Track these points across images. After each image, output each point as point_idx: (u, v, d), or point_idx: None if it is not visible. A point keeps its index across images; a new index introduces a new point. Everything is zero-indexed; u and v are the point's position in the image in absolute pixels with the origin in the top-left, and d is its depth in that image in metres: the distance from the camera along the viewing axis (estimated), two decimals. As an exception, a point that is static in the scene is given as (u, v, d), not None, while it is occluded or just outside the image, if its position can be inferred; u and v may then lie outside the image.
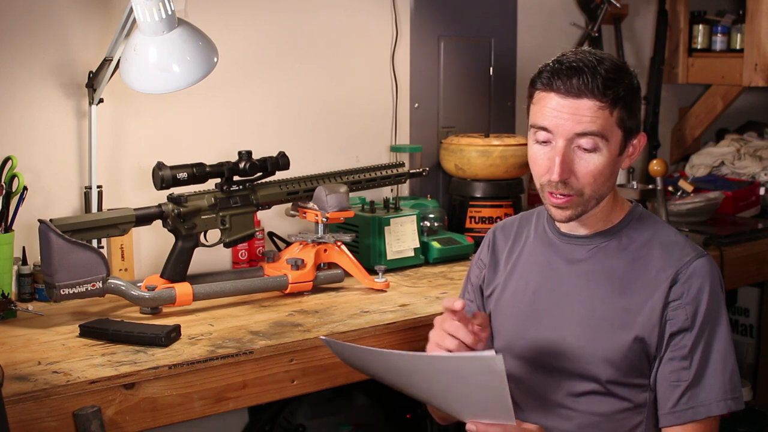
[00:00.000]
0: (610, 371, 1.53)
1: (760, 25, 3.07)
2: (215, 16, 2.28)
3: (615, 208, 1.61)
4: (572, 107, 1.48)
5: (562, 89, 1.48)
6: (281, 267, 2.08)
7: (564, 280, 1.60)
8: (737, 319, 3.31)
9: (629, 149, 1.57)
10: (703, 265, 1.53)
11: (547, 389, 1.59)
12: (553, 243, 1.64)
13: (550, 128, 1.50)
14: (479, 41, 2.84)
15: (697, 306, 1.51)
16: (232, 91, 2.35)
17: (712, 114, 3.39)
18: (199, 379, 1.62)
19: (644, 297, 1.53)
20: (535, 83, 1.54)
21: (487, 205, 2.57)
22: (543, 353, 1.59)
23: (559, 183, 1.50)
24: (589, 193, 1.52)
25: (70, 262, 1.81)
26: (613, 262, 1.57)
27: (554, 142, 1.50)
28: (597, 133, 1.48)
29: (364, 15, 2.60)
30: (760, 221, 2.90)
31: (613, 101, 1.49)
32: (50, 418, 1.47)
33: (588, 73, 1.48)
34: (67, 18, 2.09)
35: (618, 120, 1.51)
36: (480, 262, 1.76)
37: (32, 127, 2.08)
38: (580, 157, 1.50)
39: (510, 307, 1.66)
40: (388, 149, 2.68)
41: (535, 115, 1.54)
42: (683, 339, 1.51)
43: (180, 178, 1.95)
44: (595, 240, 1.60)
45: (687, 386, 1.50)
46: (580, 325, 1.56)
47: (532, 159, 1.56)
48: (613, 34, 3.25)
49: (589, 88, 1.47)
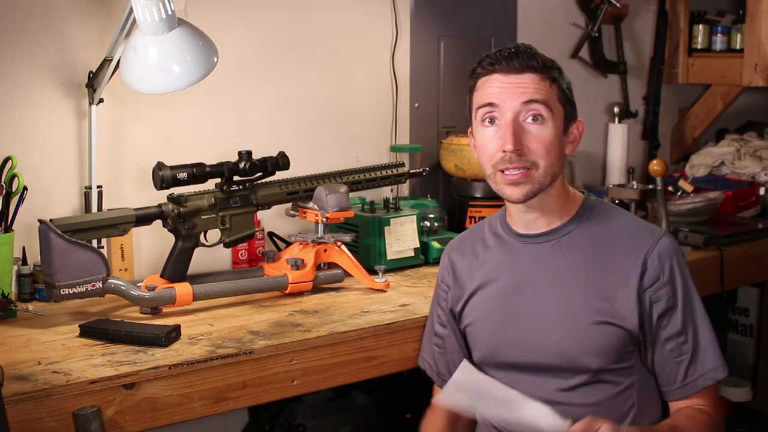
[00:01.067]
0: (598, 360, 1.56)
1: (760, 25, 3.07)
2: (215, 16, 2.28)
3: (567, 200, 1.64)
4: (516, 81, 1.55)
5: (504, 68, 1.56)
6: (281, 267, 2.08)
7: (533, 281, 1.62)
8: (737, 319, 3.31)
9: (571, 134, 1.62)
10: (666, 245, 1.58)
11: (537, 389, 1.59)
12: (514, 246, 1.66)
13: (496, 102, 1.55)
14: (479, 41, 2.84)
15: (674, 284, 1.57)
16: (232, 91, 2.35)
17: (712, 114, 3.39)
18: (199, 379, 1.62)
19: (616, 283, 1.56)
20: (475, 71, 1.61)
21: (487, 205, 2.57)
22: (527, 355, 1.60)
23: (513, 155, 1.53)
24: (544, 166, 1.55)
25: (70, 262, 1.81)
26: (577, 254, 1.60)
27: (501, 119, 1.55)
28: (541, 100, 1.54)
29: (364, 15, 2.60)
30: (760, 221, 2.90)
31: (551, 77, 1.57)
32: (50, 418, 1.47)
33: (527, 53, 1.56)
34: (67, 18, 2.09)
35: (558, 96, 1.57)
36: (443, 286, 1.77)
37: (32, 127, 2.08)
38: (528, 130, 1.55)
39: (484, 318, 1.67)
40: (388, 149, 2.68)
41: (479, 97, 1.59)
42: (673, 317, 1.56)
43: (180, 178, 1.95)
44: (555, 235, 1.62)
45: (690, 358, 1.56)
46: (560, 321, 1.58)
47: (480, 144, 1.61)
48: (613, 34, 3.26)
49: (530, 64, 1.55)
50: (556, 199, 1.62)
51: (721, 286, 2.51)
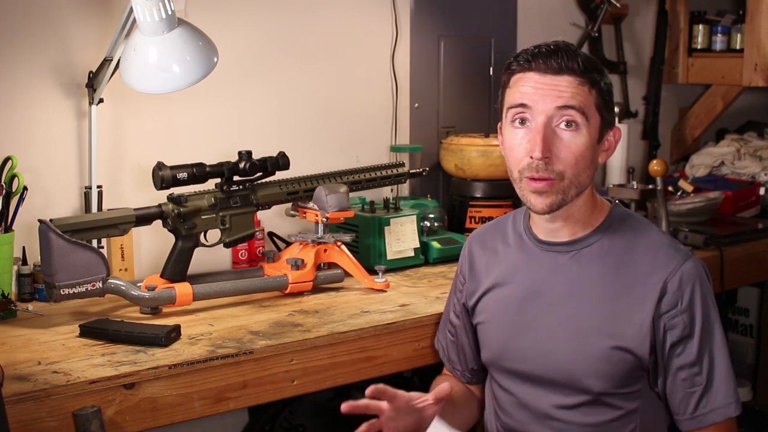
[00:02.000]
0: (602, 383, 1.51)
1: (760, 25, 3.07)
2: (215, 16, 2.28)
3: (594, 210, 1.56)
4: (552, 83, 1.45)
5: (542, 67, 1.46)
6: (281, 267, 2.08)
7: (547, 290, 1.57)
8: (737, 319, 3.31)
9: (605, 142, 1.53)
10: (690, 269, 1.50)
11: (536, 401, 1.57)
12: (533, 252, 1.60)
13: (529, 104, 1.46)
14: (479, 41, 2.84)
15: (693, 312, 1.49)
16: (232, 91, 2.35)
17: (712, 114, 3.39)
18: (199, 379, 1.62)
19: (631, 305, 1.50)
20: (511, 66, 1.51)
21: (487, 205, 2.57)
22: (531, 366, 1.57)
23: (541, 163, 1.45)
24: (570, 176, 1.47)
25: (70, 262, 1.81)
26: (596, 269, 1.54)
27: (533, 122, 1.46)
28: (577, 107, 1.45)
29: (364, 15, 2.60)
30: (760, 221, 2.90)
31: (591, 81, 1.47)
32: (50, 418, 1.47)
33: (567, 53, 1.46)
34: (67, 18, 2.09)
35: (596, 102, 1.48)
36: (460, 277, 1.75)
37: (32, 127, 2.08)
38: (560, 136, 1.46)
39: (495, 320, 1.64)
40: (388, 149, 2.68)
41: (512, 96, 1.50)
42: (687, 347, 1.49)
43: (180, 178, 1.95)
44: (576, 246, 1.56)
45: (703, 390, 1.49)
46: (568, 338, 1.53)
47: (508, 146, 1.52)
48: (613, 34, 3.26)
49: (569, 65, 1.45)
50: (582, 209, 1.54)
51: (721, 286, 2.50)
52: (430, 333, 1.91)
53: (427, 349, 1.92)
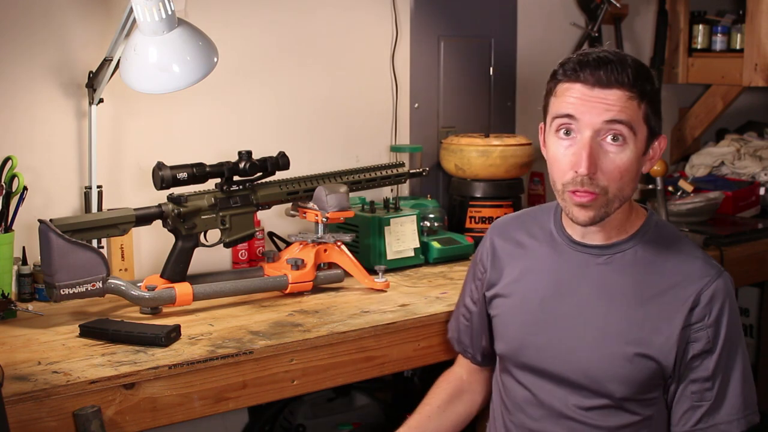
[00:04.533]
0: (624, 389, 1.50)
1: (760, 25, 3.07)
2: (215, 16, 2.28)
3: (631, 216, 1.55)
4: (600, 96, 1.41)
5: (590, 80, 1.41)
6: (281, 267, 2.08)
7: (575, 291, 1.55)
8: (737, 319, 3.31)
9: (651, 151, 1.50)
10: (722, 286, 1.49)
11: (554, 399, 1.56)
12: (564, 250, 1.58)
13: (576, 115, 1.42)
14: (479, 41, 2.84)
15: (718, 328, 1.47)
16: (232, 91, 2.35)
17: (712, 114, 3.39)
18: (199, 379, 1.62)
19: (660, 315, 1.49)
20: (556, 75, 1.47)
21: (487, 205, 2.57)
22: (552, 364, 1.56)
23: (585, 178, 1.42)
24: (614, 191, 1.45)
25: (70, 262, 1.81)
26: (627, 275, 1.52)
27: (579, 135, 1.43)
28: (626, 122, 1.41)
29: (363, 15, 2.60)
30: (760, 221, 2.90)
31: (641, 94, 1.43)
32: (50, 418, 1.47)
33: (617, 64, 1.42)
34: (67, 18, 2.09)
35: (645, 115, 1.44)
36: (480, 267, 1.72)
37: (32, 127, 2.08)
38: (606, 151, 1.43)
39: (516, 314, 1.62)
40: (388, 149, 2.68)
41: (557, 105, 1.46)
42: (705, 361, 1.48)
43: (180, 178, 1.95)
44: (610, 250, 1.54)
45: (709, 407, 1.48)
46: (594, 342, 1.51)
47: (552, 157, 1.48)
48: (613, 34, 3.25)
49: (619, 79, 1.41)
50: (620, 216, 1.52)
51: (721, 286, 2.50)
52: (430, 333, 1.91)
53: (428, 349, 1.92)
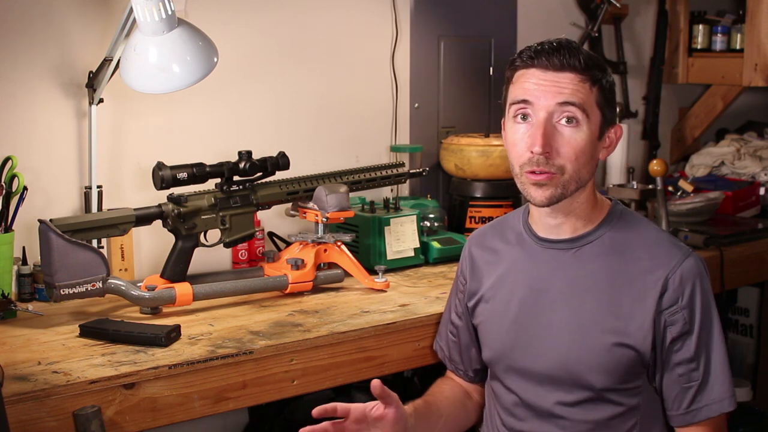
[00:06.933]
0: (603, 379, 1.52)
1: (760, 25, 3.07)
2: (215, 16, 2.28)
3: (595, 207, 1.58)
4: (554, 79, 1.48)
5: (544, 64, 1.49)
6: (281, 267, 2.08)
7: (549, 288, 1.58)
8: (737, 319, 3.31)
9: (606, 139, 1.55)
10: (691, 266, 1.52)
11: (538, 399, 1.58)
12: (534, 249, 1.62)
13: (531, 100, 1.49)
14: (479, 41, 2.84)
15: (692, 308, 1.51)
16: (232, 91, 2.35)
17: (712, 114, 3.39)
18: (199, 379, 1.62)
19: (633, 302, 1.51)
20: (514, 63, 1.55)
21: (487, 205, 2.57)
22: (532, 363, 1.58)
23: (541, 158, 1.48)
24: (570, 171, 1.49)
25: (70, 262, 1.81)
26: (597, 266, 1.55)
27: (534, 117, 1.49)
28: (578, 104, 1.48)
29: (363, 15, 2.60)
30: (760, 221, 2.90)
31: (592, 78, 1.49)
32: (50, 418, 1.47)
33: (569, 50, 1.49)
34: (67, 18, 2.09)
35: (597, 99, 1.50)
36: (461, 278, 1.76)
37: (32, 127, 2.08)
38: (561, 132, 1.49)
39: (497, 319, 1.64)
40: (388, 149, 2.68)
41: (514, 91, 1.53)
42: (686, 343, 1.51)
43: (180, 178, 1.95)
44: (577, 242, 1.57)
45: (699, 386, 1.51)
46: (570, 334, 1.54)
47: (510, 141, 1.54)
48: (613, 34, 3.26)
49: (571, 63, 1.48)
50: (584, 205, 1.56)
51: (721, 286, 2.51)
52: (430, 333, 1.91)
53: (427, 349, 1.92)
